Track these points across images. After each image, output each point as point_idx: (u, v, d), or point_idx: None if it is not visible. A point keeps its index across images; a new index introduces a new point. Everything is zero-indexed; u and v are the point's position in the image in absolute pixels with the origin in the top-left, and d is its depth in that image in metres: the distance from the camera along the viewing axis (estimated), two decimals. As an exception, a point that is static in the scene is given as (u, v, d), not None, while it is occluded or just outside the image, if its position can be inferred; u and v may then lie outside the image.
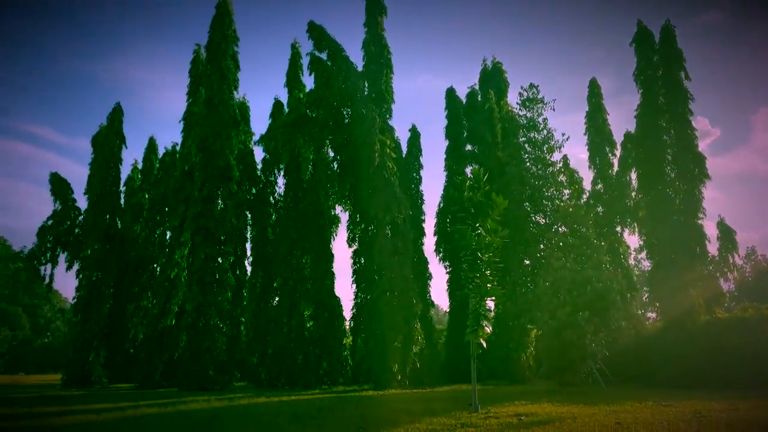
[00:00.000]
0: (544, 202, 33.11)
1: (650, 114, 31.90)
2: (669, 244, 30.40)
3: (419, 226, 36.89)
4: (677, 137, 31.22)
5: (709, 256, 30.60)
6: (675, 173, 31.12)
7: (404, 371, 29.62)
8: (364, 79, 33.24)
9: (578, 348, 24.97)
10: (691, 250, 30.04)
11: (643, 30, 32.97)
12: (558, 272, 27.80)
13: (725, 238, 31.58)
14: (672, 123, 31.45)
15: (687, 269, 29.77)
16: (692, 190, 30.51)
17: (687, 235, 30.11)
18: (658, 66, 32.24)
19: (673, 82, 31.58)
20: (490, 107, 37.92)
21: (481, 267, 17.49)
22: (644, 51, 32.62)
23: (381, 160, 30.83)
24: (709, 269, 30.48)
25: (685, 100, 31.31)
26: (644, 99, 32.37)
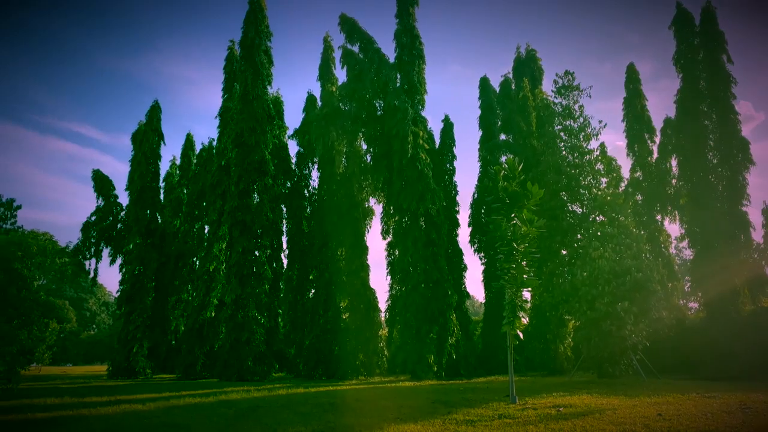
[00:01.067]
0: (581, 191, 32.44)
1: (691, 99, 31.05)
2: (712, 232, 29.64)
3: (453, 218, 36.72)
4: (719, 122, 30.33)
5: (754, 244, 29.73)
6: (717, 159, 30.28)
7: (440, 362, 29.66)
8: (396, 70, 33.18)
9: (618, 339, 24.57)
10: (735, 238, 29.24)
11: (683, 12, 32.05)
12: (596, 262, 27.32)
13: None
14: (714, 108, 30.56)
15: (731, 257, 29.00)
16: (735, 176, 29.64)
17: (730, 223, 29.31)
18: (698, 49, 31.34)
19: (714, 65, 30.65)
20: (524, 95, 37.43)
21: (517, 258, 17.35)
22: (684, 34, 31.72)
23: (414, 151, 30.79)
24: (755, 257, 29.63)
25: (727, 84, 30.37)
26: (685, 83, 31.52)
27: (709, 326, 29.03)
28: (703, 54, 31.06)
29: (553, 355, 33.09)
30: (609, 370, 25.67)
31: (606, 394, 17.41)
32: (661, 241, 35.07)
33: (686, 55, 31.48)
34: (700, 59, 31.14)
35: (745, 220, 29.42)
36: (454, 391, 19.83)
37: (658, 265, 32.50)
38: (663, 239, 35.18)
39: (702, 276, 30.26)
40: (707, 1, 31.68)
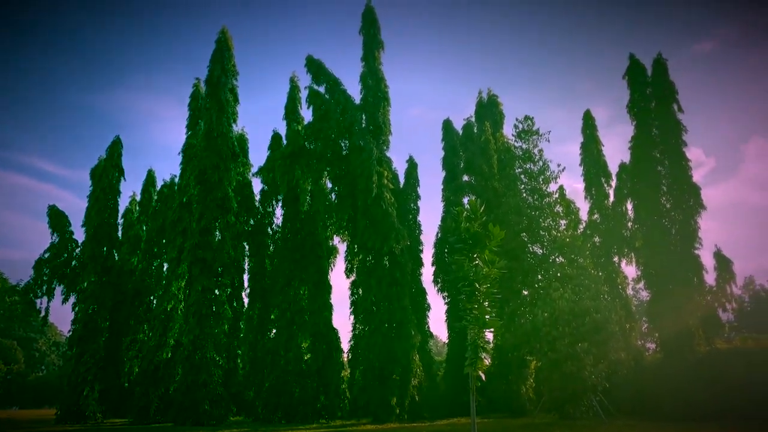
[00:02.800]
0: (541, 233, 33.14)
1: (644, 145, 32.29)
2: (666, 274, 30.43)
3: (417, 257, 36.89)
4: (671, 168, 31.54)
5: (706, 286, 30.60)
6: (670, 204, 31.34)
7: (403, 404, 29.30)
8: (361, 111, 33.71)
9: (578, 380, 24.76)
10: (688, 281, 30.05)
11: (636, 63, 33.61)
12: (556, 303, 27.71)
13: (722, 267, 31.59)
14: (666, 154, 31.81)
15: (685, 299, 29.73)
16: (688, 220, 30.67)
17: (684, 266, 30.15)
18: (651, 98, 32.77)
19: (665, 114, 32.05)
20: (486, 138, 38.34)
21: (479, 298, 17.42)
22: (637, 84, 33.19)
23: (379, 191, 31.04)
24: (708, 299, 30.43)
25: (678, 132, 31.73)
26: (638, 131, 32.81)
27: (666, 367, 29.52)
28: (655, 103, 32.51)
29: (515, 396, 33.08)
30: (570, 411, 25.77)
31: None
32: (618, 283, 35.82)
33: (639, 103, 32.90)
34: (653, 108, 32.56)
35: (697, 263, 30.35)
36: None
37: (616, 306, 33.13)
38: (620, 281, 35.96)
39: (658, 317, 30.90)
40: (659, 54, 33.36)
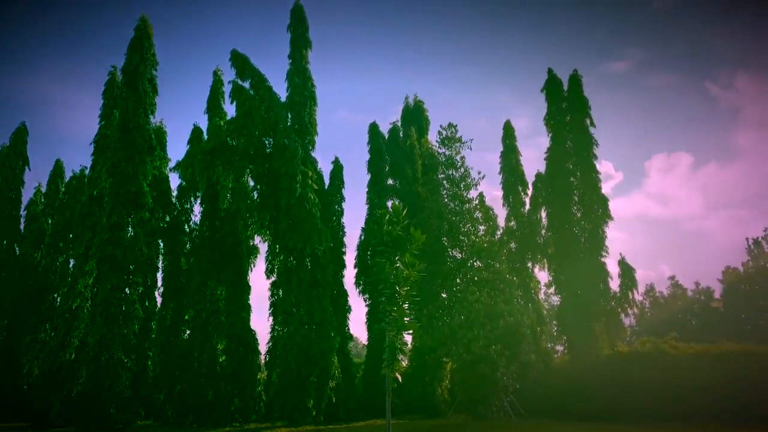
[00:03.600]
0: (461, 238, 34.04)
1: (559, 157, 33.89)
2: (575, 280, 32.03)
3: (340, 259, 36.82)
4: (583, 179, 33.27)
5: (611, 292, 32.48)
6: (581, 213, 33.04)
7: (320, 406, 29.13)
8: (287, 110, 33.26)
9: (491, 381, 25.60)
10: (595, 287, 31.78)
11: (553, 78, 35.23)
12: (473, 306, 28.54)
13: (626, 275, 33.63)
14: (578, 166, 33.52)
15: (591, 304, 31.42)
16: (596, 229, 32.45)
17: (591, 272, 31.86)
18: (566, 112, 34.45)
19: (579, 127, 33.79)
20: (411, 144, 38.90)
21: (398, 300, 17.63)
22: (554, 97, 34.81)
23: (303, 191, 30.75)
24: (612, 305, 32.31)
25: (590, 145, 33.53)
26: (553, 143, 34.40)
27: (572, 368, 31.05)
28: (570, 117, 34.22)
29: (431, 397, 33.66)
30: (482, 411, 26.54)
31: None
32: (531, 287, 37.34)
33: (555, 116, 34.53)
34: (568, 121, 34.26)
35: (604, 271, 32.17)
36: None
37: (528, 310, 34.56)
38: (533, 285, 37.49)
39: (566, 321, 32.47)
40: (575, 70, 35.16)
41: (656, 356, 29.94)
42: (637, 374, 28.31)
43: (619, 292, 33.57)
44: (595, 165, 33.53)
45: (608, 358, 30.62)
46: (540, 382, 31.78)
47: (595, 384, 28.87)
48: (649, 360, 29.53)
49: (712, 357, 28.99)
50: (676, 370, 28.19)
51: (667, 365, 28.67)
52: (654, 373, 28.13)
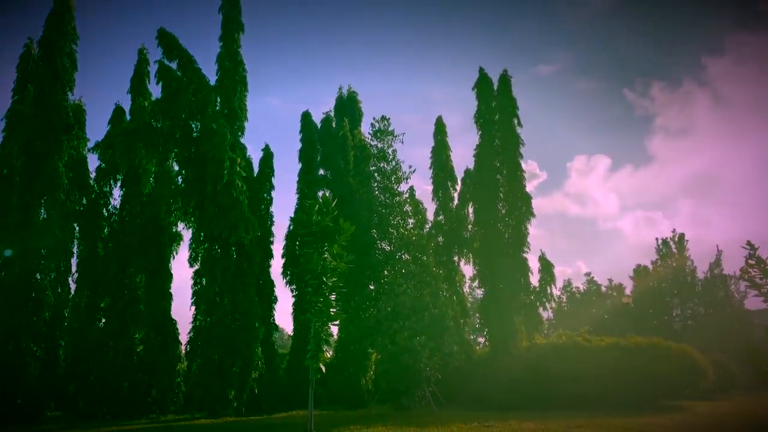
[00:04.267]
0: (390, 230, 34.29)
1: (486, 154, 34.74)
2: (498, 274, 33.03)
3: (267, 248, 36.22)
4: (508, 177, 34.29)
5: (531, 287, 33.77)
6: (505, 210, 34.06)
7: (241, 398, 28.68)
8: (216, 93, 32.25)
9: (414, 372, 26.01)
10: (516, 281, 32.91)
11: (484, 76, 36.00)
12: (399, 298, 28.86)
13: (545, 271, 35.06)
14: (505, 164, 34.50)
15: (512, 298, 32.52)
16: (519, 226, 33.57)
17: (513, 267, 32.95)
18: (495, 111, 35.31)
19: (507, 126, 34.74)
20: (344, 134, 38.70)
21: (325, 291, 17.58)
22: (484, 96, 35.59)
23: (230, 177, 29.97)
24: (531, 299, 33.61)
25: (516, 144, 34.57)
26: (482, 140, 35.22)
27: (492, 360, 32.07)
28: (499, 116, 35.10)
29: (355, 388, 33.82)
30: (405, 402, 26.96)
31: (399, 425, 18.22)
32: (456, 281, 38.20)
33: (485, 115, 35.33)
34: (496, 120, 35.12)
35: (525, 266, 33.34)
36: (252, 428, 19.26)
37: (453, 303, 35.34)
38: (458, 279, 38.36)
39: (489, 314, 33.47)
40: (504, 70, 36.06)
41: (571, 348, 31.44)
42: (552, 365, 29.59)
43: (539, 287, 34.94)
44: (520, 164, 34.62)
45: (526, 349, 31.84)
46: (462, 373, 32.64)
47: (513, 374, 29.95)
48: (564, 352, 30.96)
49: (621, 349, 30.76)
50: (588, 362, 29.68)
51: (581, 357, 30.15)
52: (568, 364, 29.50)
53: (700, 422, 18.78)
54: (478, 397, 31.02)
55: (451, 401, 30.70)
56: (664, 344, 31.99)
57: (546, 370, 29.27)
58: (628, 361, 29.51)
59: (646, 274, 69.63)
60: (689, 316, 66.81)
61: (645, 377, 29.15)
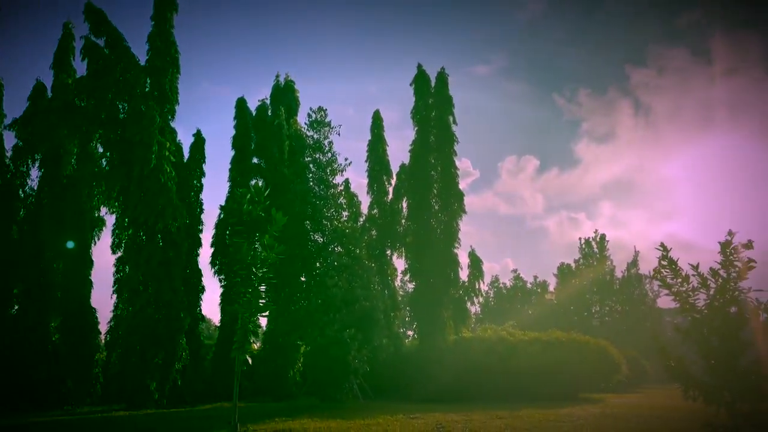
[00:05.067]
0: (324, 222, 34.11)
1: (422, 150, 35.15)
2: (429, 269, 33.56)
3: (196, 236, 35.22)
4: (442, 174, 34.84)
5: (460, 282, 34.52)
6: (438, 206, 34.63)
7: (163, 390, 27.84)
8: (146, 74, 30.98)
9: (342, 364, 26.05)
10: (446, 276, 33.55)
11: (422, 73, 36.34)
12: (330, 290, 28.80)
13: (474, 266, 35.92)
14: (439, 161, 35.03)
15: (442, 292, 33.14)
16: (451, 222, 34.22)
17: (444, 262, 33.57)
18: (432, 108, 35.74)
19: (443, 124, 35.27)
20: (279, 123, 38.07)
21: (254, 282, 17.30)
22: (421, 92, 35.94)
23: (158, 162, 28.90)
24: (460, 293, 34.38)
25: (451, 142, 35.15)
26: (418, 136, 35.59)
27: (420, 352, 32.60)
28: (435, 113, 35.56)
29: (283, 380, 33.54)
30: (332, 394, 26.97)
31: (325, 417, 18.22)
32: (389, 274, 38.52)
33: (422, 111, 35.71)
34: (433, 117, 35.57)
35: (455, 261, 34.04)
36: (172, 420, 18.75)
37: (384, 296, 35.63)
38: (390, 272, 38.70)
39: (419, 307, 33.98)
40: (442, 68, 36.53)
41: (496, 342, 32.41)
42: (478, 359, 30.43)
43: (468, 282, 35.76)
44: (454, 161, 35.25)
45: (453, 343, 32.56)
46: (390, 366, 33.00)
47: (441, 368, 30.57)
48: (490, 345, 31.89)
49: (543, 344, 32.02)
50: (512, 356, 30.71)
51: (505, 351, 31.14)
52: (493, 358, 30.42)
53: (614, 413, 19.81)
54: (406, 389, 31.47)
55: (379, 394, 30.98)
56: (582, 339, 33.54)
57: (472, 364, 30.08)
58: (549, 355, 30.75)
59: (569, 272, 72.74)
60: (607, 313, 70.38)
61: (564, 370, 30.47)
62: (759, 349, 10.69)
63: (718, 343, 10.68)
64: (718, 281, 10.69)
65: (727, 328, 10.58)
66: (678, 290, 11.11)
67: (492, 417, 18.23)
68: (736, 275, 10.59)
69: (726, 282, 10.62)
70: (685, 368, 10.99)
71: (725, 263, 10.66)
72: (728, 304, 10.65)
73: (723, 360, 10.52)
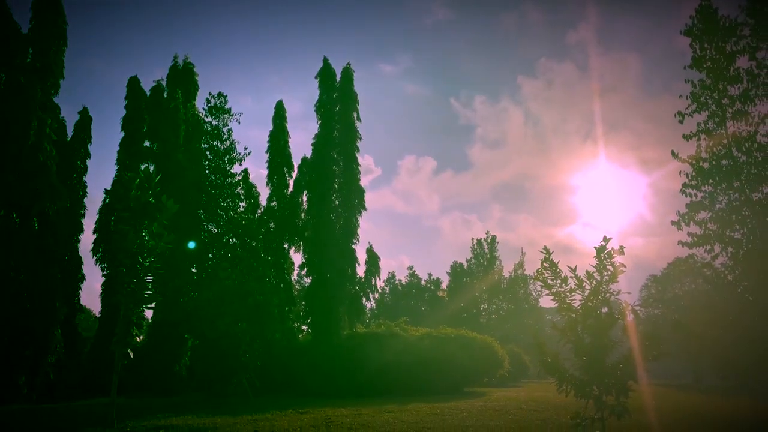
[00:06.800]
0: (219, 212, 33.06)
1: (324, 144, 34.99)
2: (327, 263, 33.49)
3: (77, 221, 32.94)
4: (344, 169, 34.90)
5: (357, 277, 34.75)
6: (339, 201, 34.64)
7: (33, 384, 25.79)
8: (29, 44, 28.48)
9: (232, 358, 25.45)
10: (344, 271, 33.65)
11: (328, 66, 36.15)
12: (223, 282, 28.00)
13: (372, 262, 36.27)
14: (342, 156, 35.05)
15: (339, 288, 33.20)
16: (351, 218, 34.36)
17: (343, 257, 33.66)
18: (336, 102, 35.65)
19: (347, 119, 35.31)
20: (176, 106, 36.33)
21: (140, 272, 16.52)
22: (326, 86, 35.76)
23: (37, 140, 26.72)
24: (356, 288, 34.61)
25: (354, 138, 35.29)
26: (321, 129, 35.39)
27: (314, 347, 32.47)
28: (340, 107, 35.52)
29: (169, 375, 32.12)
30: (220, 389, 26.26)
31: (211, 413, 17.71)
32: (285, 268, 37.93)
33: (326, 105, 35.52)
34: (337, 111, 35.49)
35: (353, 257, 34.23)
36: (45, 416, 17.43)
37: (279, 290, 35.11)
38: (287, 266, 38.13)
39: (314, 302, 33.81)
40: (348, 63, 36.53)
41: (389, 337, 32.98)
42: (370, 354, 30.75)
43: (364, 278, 36.06)
44: (357, 157, 35.41)
45: (347, 338, 32.73)
46: (284, 361, 32.56)
47: (333, 362, 30.60)
48: (383, 340, 32.39)
49: (432, 339, 33.00)
50: (403, 351, 31.35)
51: (396, 346, 31.74)
52: (385, 353, 30.89)
53: (495, 406, 20.81)
54: (298, 384, 31.21)
55: (270, 389, 30.48)
56: (469, 335, 34.92)
57: (365, 359, 30.34)
58: (439, 351, 31.71)
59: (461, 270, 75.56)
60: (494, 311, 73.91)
61: (452, 365, 31.56)
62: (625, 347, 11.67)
63: (590, 340, 11.53)
64: (593, 283, 11.53)
65: (598, 327, 11.45)
66: (557, 291, 11.87)
67: (381, 411, 18.55)
68: (608, 278, 11.48)
69: (599, 284, 11.49)
70: (560, 364, 11.76)
71: (599, 267, 11.52)
72: (600, 304, 11.52)
73: (593, 356, 11.38)
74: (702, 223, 27.88)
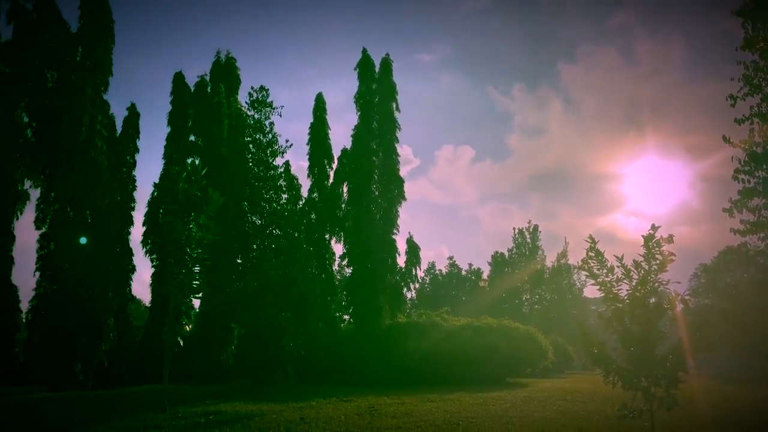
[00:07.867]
0: (262, 204, 33.64)
1: (364, 135, 35.12)
2: (368, 254, 33.72)
3: (128, 214, 34.06)
4: (384, 160, 34.97)
5: (398, 267, 34.89)
6: (379, 192, 34.77)
7: (88, 371, 26.93)
8: (78, 42, 29.47)
9: (277, 347, 25.95)
10: (384, 261, 33.82)
11: (367, 58, 36.18)
12: (267, 273, 28.50)
13: (412, 253, 36.35)
14: (381, 147, 35.12)
15: (380, 278, 33.41)
16: (391, 208, 34.45)
17: (383, 248, 33.82)
18: (375, 93, 35.68)
19: (386, 110, 35.32)
20: (219, 101, 37.11)
21: (188, 263, 16.98)
22: (365, 78, 35.82)
23: (88, 135, 27.72)
24: (396, 279, 34.75)
25: (393, 129, 35.29)
26: (361, 121, 35.51)
27: (356, 337, 32.82)
28: (379, 98, 35.55)
29: (216, 363, 33.04)
30: (265, 377, 26.85)
31: (258, 400, 18.13)
32: (327, 258, 38.41)
33: (365, 96, 35.60)
34: (376, 102, 35.54)
35: (393, 247, 34.36)
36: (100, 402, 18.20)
37: (321, 280, 35.58)
38: (328, 256, 38.60)
39: (356, 292, 34.12)
40: (387, 54, 36.49)
41: (430, 327, 33.03)
42: (412, 343, 30.87)
43: (405, 268, 36.17)
44: (396, 148, 35.42)
45: (388, 327, 32.92)
46: (326, 350, 33.04)
47: (375, 352, 30.86)
48: (424, 330, 32.47)
49: (474, 329, 32.83)
50: (444, 340, 31.35)
51: (438, 335, 31.77)
52: (426, 342, 30.96)
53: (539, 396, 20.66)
54: (340, 373, 31.62)
55: (314, 377, 30.99)
56: (512, 325, 34.58)
57: (405, 348, 30.48)
58: (480, 341, 31.54)
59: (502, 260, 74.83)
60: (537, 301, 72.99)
61: (494, 356, 31.35)
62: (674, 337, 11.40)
63: (638, 331, 11.30)
64: (640, 273, 11.29)
65: (646, 317, 11.20)
66: (603, 280, 11.66)
67: (423, 400, 18.66)
68: (656, 267, 11.21)
69: (647, 273, 11.23)
70: (607, 355, 11.58)
71: (647, 256, 11.26)
72: (648, 294, 11.27)
73: (641, 347, 11.16)
74: (755, 210, 26.75)
